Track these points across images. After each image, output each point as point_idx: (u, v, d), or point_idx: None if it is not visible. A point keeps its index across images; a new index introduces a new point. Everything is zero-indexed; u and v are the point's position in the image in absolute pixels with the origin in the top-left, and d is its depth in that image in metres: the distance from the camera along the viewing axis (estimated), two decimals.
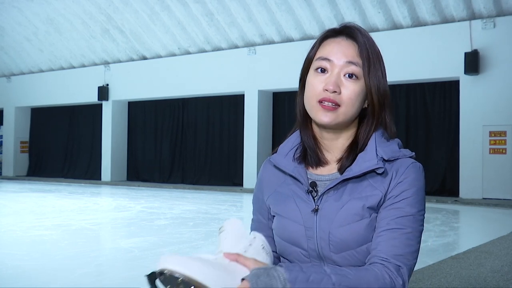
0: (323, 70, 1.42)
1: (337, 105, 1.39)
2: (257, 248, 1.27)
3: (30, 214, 10.02)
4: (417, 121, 14.21)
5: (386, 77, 1.45)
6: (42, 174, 22.01)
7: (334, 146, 1.48)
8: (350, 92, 1.40)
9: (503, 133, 12.71)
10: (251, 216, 1.62)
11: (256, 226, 1.58)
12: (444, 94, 13.99)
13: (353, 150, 1.45)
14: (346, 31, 1.45)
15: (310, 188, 1.45)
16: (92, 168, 20.61)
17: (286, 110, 16.30)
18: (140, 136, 19.69)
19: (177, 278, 1.14)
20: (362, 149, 1.44)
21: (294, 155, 1.51)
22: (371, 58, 1.42)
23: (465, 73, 12.89)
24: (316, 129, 1.49)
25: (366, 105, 1.45)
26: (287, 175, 1.50)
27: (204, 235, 7.50)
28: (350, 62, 1.41)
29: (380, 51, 1.45)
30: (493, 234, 7.78)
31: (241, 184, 16.57)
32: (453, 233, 8.25)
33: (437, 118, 14.04)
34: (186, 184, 17.77)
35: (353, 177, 1.40)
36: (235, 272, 1.20)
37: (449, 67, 13.24)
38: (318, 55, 1.45)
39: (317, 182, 1.46)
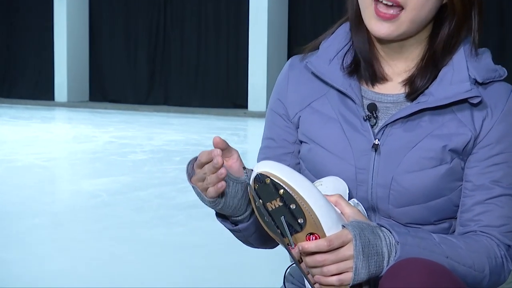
0: None
1: (399, 6, 1.31)
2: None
3: None
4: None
5: None
6: None
7: (398, 56, 1.42)
8: None
9: None
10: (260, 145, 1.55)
11: (270, 153, 1.49)
12: None
13: (430, 63, 1.38)
14: None
15: (369, 113, 1.39)
16: (42, 84, 20.58)
17: (307, 6, 16.02)
18: (106, 41, 19.56)
19: (278, 189, 1.18)
20: (444, 64, 1.38)
21: (343, 62, 1.43)
22: None
23: None
24: None
25: (445, 1, 1.36)
26: (333, 88, 1.43)
27: None
28: None
29: None
30: None
31: (245, 106, 16.55)
32: None
33: None
34: (171, 106, 17.79)
35: (436, 106, 1.34)
36: (338, 213, 1.25)
37: None
38: None
39: (377, 104, 1.40)
